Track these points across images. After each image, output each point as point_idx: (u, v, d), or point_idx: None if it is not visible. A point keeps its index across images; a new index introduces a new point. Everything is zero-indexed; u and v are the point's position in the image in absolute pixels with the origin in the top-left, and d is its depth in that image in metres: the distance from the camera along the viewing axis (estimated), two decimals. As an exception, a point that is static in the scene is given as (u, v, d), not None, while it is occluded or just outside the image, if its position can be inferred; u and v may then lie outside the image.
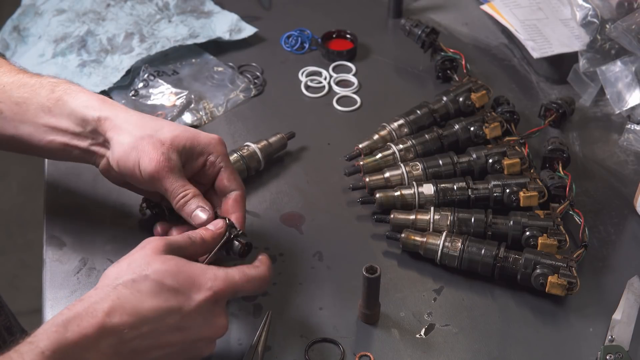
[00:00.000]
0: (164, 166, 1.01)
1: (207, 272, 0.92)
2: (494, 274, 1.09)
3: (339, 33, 1.50)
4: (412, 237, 1.12)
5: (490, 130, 1.25)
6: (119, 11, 1.51)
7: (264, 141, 1.25)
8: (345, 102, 1.40)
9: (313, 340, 1.03)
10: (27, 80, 1.08)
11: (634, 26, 1.31)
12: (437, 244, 1.10)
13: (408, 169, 1.21)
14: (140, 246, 0.94)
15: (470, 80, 1.33)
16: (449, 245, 1.09)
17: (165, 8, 1.53)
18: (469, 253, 1.09)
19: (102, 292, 0.88)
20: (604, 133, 1.35)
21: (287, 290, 1.09)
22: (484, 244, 1.09)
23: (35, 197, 1.01)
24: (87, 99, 1.06)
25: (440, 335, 1.04)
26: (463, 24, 1.57)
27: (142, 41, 1.45)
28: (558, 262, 1.06)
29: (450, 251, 1.09)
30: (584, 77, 1.39)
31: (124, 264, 0.91)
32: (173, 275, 0.90)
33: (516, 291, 1.10)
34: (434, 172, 1.21)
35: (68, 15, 1.49)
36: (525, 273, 1.06)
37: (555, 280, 1.04)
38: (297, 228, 1.18)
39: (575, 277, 1.05)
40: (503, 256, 1.08)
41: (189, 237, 0.97)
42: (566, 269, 1.05)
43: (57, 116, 1.05)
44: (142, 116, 1.06)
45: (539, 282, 1.05)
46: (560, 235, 1.10)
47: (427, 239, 1.11)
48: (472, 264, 1.09)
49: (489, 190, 1.17)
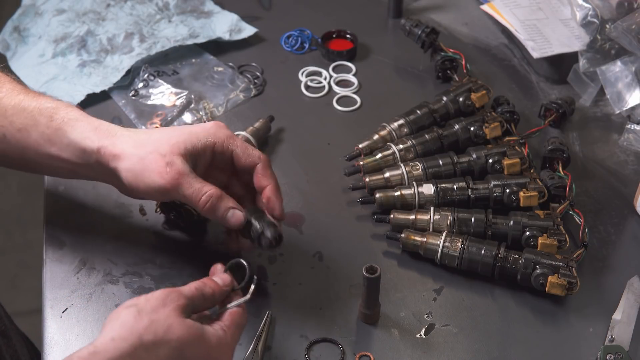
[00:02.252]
0: (173, 176, 0.99)
1: (222, 348, 0.91)
2: (494, 274, 1.09)
3: (339, 33, 1.50)
4: (412, 237, 1.12)
5: (490, 130, 1.25)
6: (119, 11, 1.51)
7: (251, 127, 1.28)
8: (345, 102, 1.40)
9: (313, 341, 1.03)
10: (27, 104, 1.06)
11: (634, 26, 1.31)
12: (437, 244, 1.10)
13: (408, 169, 1.21)
14: (162, 302, 0.89)
15: (470, 80, 1.33)
16: (449, 245, 1.09)
17: (165, 8, 1.52)
18: (469, 253, 1.09)
19: (120, 348, 0.84)
20: (604, 133, 1.35)
21: (287, 290, 1.09)
22: (484, 244, 1.09)
23: (35, 197, 1.01)
24: (83, 129, 1.04)
25: (440, 335, 1.04)
26: (463, 24, 1.57)
27: (142, 41, 1.45)
28: (558, 262, 1.06)
29: (450, 251, 1.09)
30: (584, 77, 1.39)
31: (146, 320, 0.86)
32: (193, 347, 0.88)
33: (516, 291, 1.10)
34: (434, 172, 1.20)
35: (68, 15, 1.49)
36: (525, 273, 1.06)
37: (556, 280, 1.04)
38: (297, 228, 1.18)
39: (575, 277, 1.05)
40: (503, 256, 1.08)
41: (202, 295, 0.94)
42: (566, 269, 1.05)
43: (57, 145, 1.04)
44: (137, 134, 1.05)
45: (539, 282, 1.05)
46: (560, 235, 1.10)
47: (427, 239, 1.11)
48: (472, 264, 1.09)
49: (489, 190, 1.17)
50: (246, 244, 1.06)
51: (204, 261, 1.04)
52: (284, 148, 1.31)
